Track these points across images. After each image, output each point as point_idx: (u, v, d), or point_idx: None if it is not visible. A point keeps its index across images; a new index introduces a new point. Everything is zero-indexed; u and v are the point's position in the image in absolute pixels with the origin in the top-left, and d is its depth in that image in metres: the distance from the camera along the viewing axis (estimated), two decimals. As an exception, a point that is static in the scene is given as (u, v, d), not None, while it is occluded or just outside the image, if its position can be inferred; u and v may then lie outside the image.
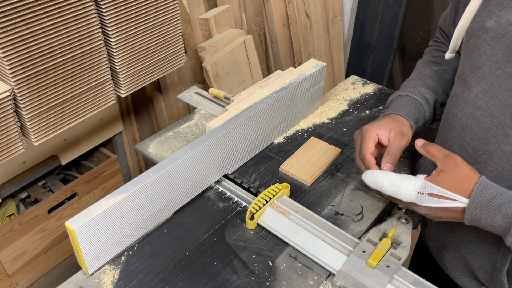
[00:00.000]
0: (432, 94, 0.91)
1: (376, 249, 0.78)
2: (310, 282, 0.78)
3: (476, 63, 0.72)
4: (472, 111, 0.74)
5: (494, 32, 0.69)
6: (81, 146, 1.53)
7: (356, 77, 1.35)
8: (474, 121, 0.74)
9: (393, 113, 0.87)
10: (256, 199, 0.90)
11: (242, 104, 1.00)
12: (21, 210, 1.53)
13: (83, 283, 0.76)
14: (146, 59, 1.27)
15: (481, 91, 0.72)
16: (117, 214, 0.75)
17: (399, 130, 0.83)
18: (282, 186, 0.93)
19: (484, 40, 0.70)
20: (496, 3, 0.69)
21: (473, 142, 0.74)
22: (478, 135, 0.73)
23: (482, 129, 0.72)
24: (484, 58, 0.70)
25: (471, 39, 0.73)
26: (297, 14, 2.10)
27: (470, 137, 0.75)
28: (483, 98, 0.72)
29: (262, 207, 0.88)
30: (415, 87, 0.92)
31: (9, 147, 1.04)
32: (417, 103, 0.90)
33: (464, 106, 0.76)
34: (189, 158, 0.84)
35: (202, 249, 0.83)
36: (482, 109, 0.72)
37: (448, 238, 0.85)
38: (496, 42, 0.68)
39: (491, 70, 0.70)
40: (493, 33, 0.69)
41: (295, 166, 1.00)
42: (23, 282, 1.52)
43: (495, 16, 0.69)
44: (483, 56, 0.71)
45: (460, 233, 0.81)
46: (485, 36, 0.70)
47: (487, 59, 0.70)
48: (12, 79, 0.97)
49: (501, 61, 0.68)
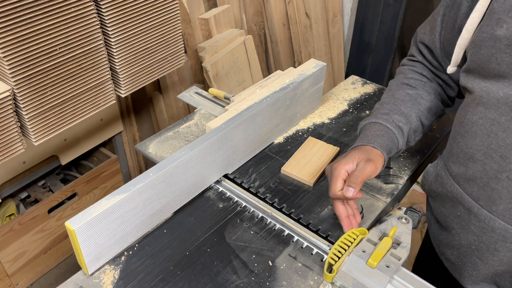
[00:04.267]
0: (406, 122, 0.88)
1: (377, 249, 0.78)
2: (310, 282, 0.78)
3: (497, 73, 0.71)
4: (496, 117, 0.73)
5: (508, 39, 0.68)
6: (81, 146, 1.53)
7: (356, 77, 1.35)
8: (499, 128, 0.72)
9: (363, 145, 0.85)
10: (333, 247, 0.79)
11: (242, 104, 1.00)
12: (21, 210, 1.53)
13: (83, 283, 0.76)
14: (146, 59, 1.27)
15: (503, 96, 0.71)
16: (117, 214, 0.75)
17: (365, 157, 0.81)
18: (359, 231, 0.81)
19: (498, 49, 0.69)
20: (504, 11, 0.68)
21: (501, 150, 0.73)
22: (505, 142, 0.72)
23: (509, 135, 0.71)
24: (505, 66, 0.69)
25: (481, 49, 0.72)
26: (297, 14, 2.10)
27: (496, 144, 0.73)
28: (506, 103, 0.70)
29: (341, 256, 0.78)
30: (389, 114, 0.89)
31: (9, 147, 1.05)
32: (390, 134, 0.87)
33: (485, 113, 0.74)
34: (189, 158, 0.84)
35: (202, 249, 0.83)
36: (507, 114, 0.71)
37: (473, 246, 0.83)
38: None
39: None
40: (507, 41, 0.68)
41: (296, 167, 1.00)
42: (23, 282, 1.52)
43: (506, 24, 0.68)
44: (502, 66, 0.69)
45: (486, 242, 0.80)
46: (499, 45, 0.69)
47: (508, 67, 0.69)
48: (12, 79, 0.97)
49: None
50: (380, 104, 0.93)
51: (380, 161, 0.82)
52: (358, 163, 0.81)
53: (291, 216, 0.89)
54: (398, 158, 1.07)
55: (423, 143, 1.11)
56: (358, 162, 0.81)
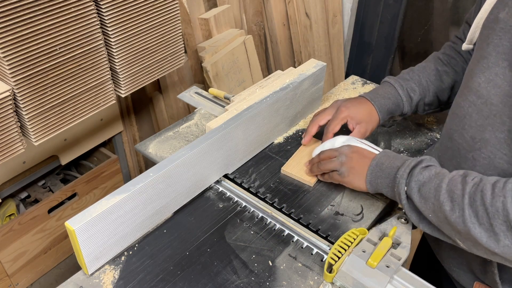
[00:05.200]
0: (419, 94, 0.99)
1: (377, 249, 0.78)
2: (310, 282, 0.78)
3: (483, 53, 0.73)
4: (474, 100, 0.75)
5: (504, 23, 0.69)
6: (81, 146, 1.53)
7: (356, 77, 1.35)
8: (474, 109, 0.75)
9: (371, 102, 0.98)
10: (333, 247, 0.80)
11: (242, 104, 1.00)
12: (21, 210, 1.53)
13: (83, 283, 0.76)
14: (146, 59, 1.27)
15: (484, 80, 0.72)
16: (117, 214, 0.75)
17: (364, 129, 0.97)
18: (359, 231, 0.83)
19: (493, 30, 0.71)
20: None
21: (472, 130, 0.75)
22: (476, 123, 0.74)
23: (481, 117, 0.73)
24: (491, 48, 0.71)
25: (485, 30, 0.74)
26: (297, 14, 2.10)
27: (469, 125, 0.76)
28: (485, 88, 0.72)
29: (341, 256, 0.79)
30: (408, 81, 1.00)
31: (9, 147, 1.04)
32: (398, 98, 0.99)
33: (467, 95, 0.76)
34: (189, 158, 0.84)
35: (202, 249, 0.83)
36: (483, 98, 0.73)
37: None
38: (505, 33, 0.69)
39: (497, 61, 0.70)
40: (503, 24, 0.69)
41: (296, 167, 1.00)
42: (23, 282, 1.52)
43: (508, 7, 0.69)
44: (490, 46, 0.71)
45: None
46: (495, 26, 0.71)
47: (494, 49, 0.70)
48: (12, 79, 0.97)
49: (508, 52, 0.68)
50: (409, 69, 1.03)
51: (370, 129, 0.98)
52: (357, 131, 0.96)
53: (291, 216, 0.89)
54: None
55: (423, 143, 1.11)
56: (358, 130, 0.96)
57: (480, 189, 0.66)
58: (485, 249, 0.66)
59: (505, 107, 0.69)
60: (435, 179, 0.72)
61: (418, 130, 1.16)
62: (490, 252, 0.66)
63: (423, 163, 0.76)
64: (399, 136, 1.14)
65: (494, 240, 0.64)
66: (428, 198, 0.72)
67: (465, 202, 0.66)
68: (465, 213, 0.66)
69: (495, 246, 0.64)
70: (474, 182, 0.68)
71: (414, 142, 1.12)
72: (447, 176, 0.72)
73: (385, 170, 0.81)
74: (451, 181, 0.70)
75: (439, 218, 0.71)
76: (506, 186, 0.64)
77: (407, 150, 1.09)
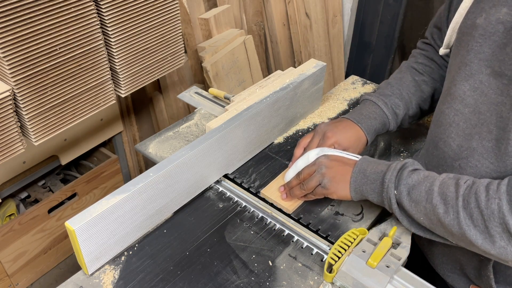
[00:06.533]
0: (403, 109, 0.95)
1: (377, 249, 0.78)
2: (310, 282, 0.78)
3: (464, 60, 0.72)
4: (460, 108, 0.74)
5: (483, 29, 0.69)
6: (81, 146, 1.53)
7: (356, 77, 1.35)
8: (461, 118, 0.74)
9: (358, 125, 0.93)
10: (333, 247, 0.79)
11: (242, 104, 1.00)
12: (21, 210, 1.53)
13: (83, 283, 0.76)
14: (146, 59, 1.27)
15: (469, 88, 0.72)
16: (117, 214, 0.75)
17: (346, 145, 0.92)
18: (359, 231, 0.83)
19: (472, 37, 0.70)
20: (488, 0, 0.69)
21: (459, 139, 0.75)
22: (464, 132, 0.74)
23: (469, 126, 0.73)
24: (472, 55, 0.71)
25: (463, 36, 0.74)
26: (297, 14, 2.10)
27: (456, 133, 0.75)
28: (471, 96, 0.72)
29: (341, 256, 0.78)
30: (390, 97, 0.96)
31: (9, 147, 1.05)
32: (383, 117, 0.95)
33: (451, 103, 0.76)
34: (189, 158, 0.84)
35: (202, 249, 0.83)
36: (471, 107, 0.72)
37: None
38: (485, 40, 0.68)
39: (480, 68, 0.70)
40: (482, 31, 0.69)
41: (276, 193, 0.92)
42: (23, 282, 1.52)
43: (485, 13, 0.69)
44: (470, 53, 0.71)
45: None
46: (474, 33, 0.70)
47: (475, 56, 0.70)
48: (12, 79, 0.97)
49: (490, 59, 0.68)
50: (386, 83, 0.99)
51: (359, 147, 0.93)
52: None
53: (291, 216, 0.89)
54: (398, 159, 1.07)
55: (423, 143, 1.11)
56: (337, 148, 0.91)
57: (474, 192, 0.66)
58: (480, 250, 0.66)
59: (492, 116, 0.69)
60: (425, 182, 0.72)
61: (418, 130, 1.16)
62: (485, 253, 0.67)
63: (409, 166, 0.75)
64: (399, 136, 1.14)
65: (489, 241, 0.64)
66: (419, 201, 0.71)
67: (459, 205, 0.66)
68: (460, 215, 0.66)
69: (490, 247, 0.64)
70: (467, 185, 0.67)
71: (414, 142, 1.12)
72: (437, 178, 0.71)
73: (370, 176, 0.78)
74: (443, 183, 0.70)
75: (431, 221, 0.71)
76: (500, 188, 0.63)
77: (407, 150, 1.09)
